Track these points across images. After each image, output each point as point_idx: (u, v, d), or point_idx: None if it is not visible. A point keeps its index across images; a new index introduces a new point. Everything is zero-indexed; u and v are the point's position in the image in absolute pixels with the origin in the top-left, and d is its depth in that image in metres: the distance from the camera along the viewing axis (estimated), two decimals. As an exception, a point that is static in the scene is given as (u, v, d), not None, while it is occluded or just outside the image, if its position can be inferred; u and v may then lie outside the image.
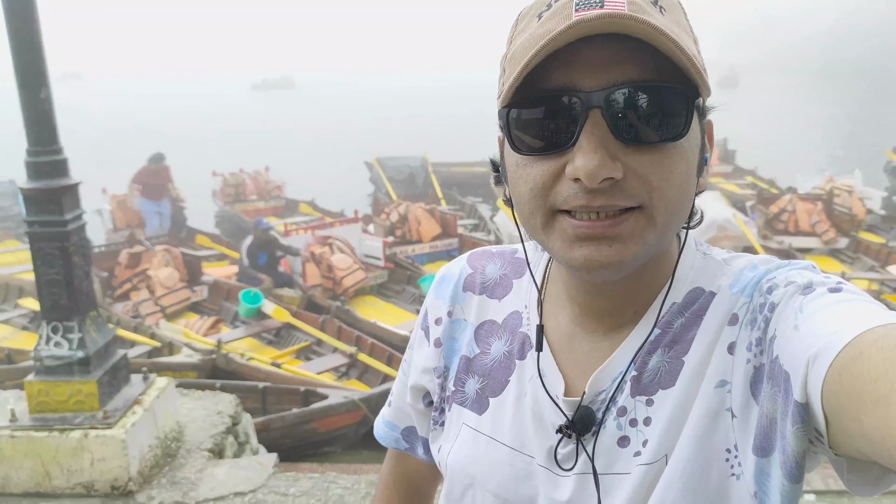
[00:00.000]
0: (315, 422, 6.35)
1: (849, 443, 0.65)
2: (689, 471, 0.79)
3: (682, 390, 0.82)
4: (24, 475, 3.90)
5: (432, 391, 1.04)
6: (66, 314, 3.87)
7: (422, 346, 1.06)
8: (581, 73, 0.74)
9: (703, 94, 0.77)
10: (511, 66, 0.77)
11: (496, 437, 0.94)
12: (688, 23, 0.80)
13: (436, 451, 1.04)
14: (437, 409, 1.04)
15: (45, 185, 3.73)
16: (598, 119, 0.73)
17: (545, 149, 0.76)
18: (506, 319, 0.99)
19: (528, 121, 0.77)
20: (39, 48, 3.66)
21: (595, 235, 0.75)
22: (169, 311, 9.71)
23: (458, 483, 0.97)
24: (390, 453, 1.20)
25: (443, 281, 1.07)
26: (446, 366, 1.02)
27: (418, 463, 1.15)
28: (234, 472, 4.28)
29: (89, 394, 3.90)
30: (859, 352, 0.63)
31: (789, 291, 0.76)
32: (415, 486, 1.20)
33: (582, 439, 0.86)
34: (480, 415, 0.96)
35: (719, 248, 0.92)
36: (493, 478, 0.93)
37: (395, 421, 1.14)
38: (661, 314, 0.85)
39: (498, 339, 0.98)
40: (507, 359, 0.96)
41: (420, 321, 1.08)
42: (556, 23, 0.72)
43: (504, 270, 1.03)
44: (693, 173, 0.79)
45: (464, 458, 0.96)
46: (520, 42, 0.77)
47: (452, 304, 1.04)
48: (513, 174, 0.81)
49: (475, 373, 0.99)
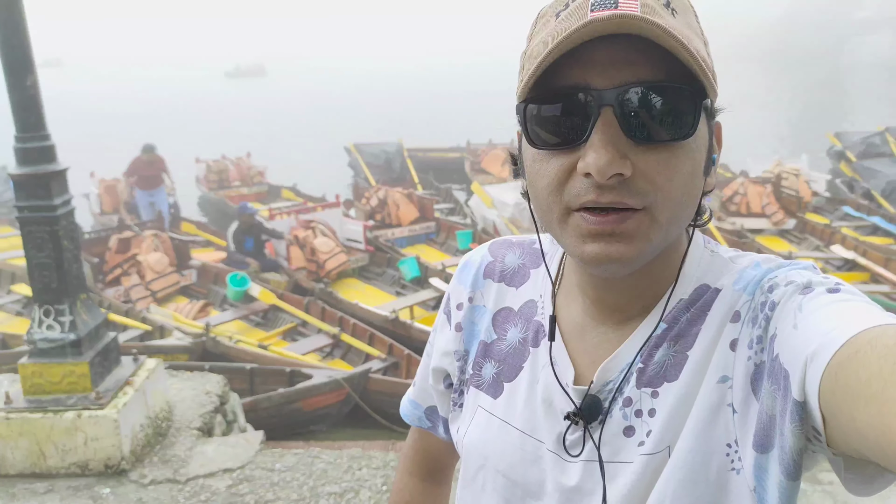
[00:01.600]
0: (300, 401, 6.38)
1: (845, 441, 0.65)
2: (691, 462, 0.80)
3: (685, 384, 0.82)
4: (19, 455, 3.91)
5: (452, 374, 1.06)
6: (57, 297, 3.86)
7: (444, 330, 1.07)
8: (594, 72, 0.75)
9: (711, 95, 0.77)
10: (529, 63, 0.78)
11: (509, 420, 0.95)
12: (699, 25, 0.81)
13: (454, 432, 1.05)
14: (456, 391, 1.05)
15: (34, 170, 3.72)
16: (609, 117, 0.74)
17: (559, 144, 0.77)
18: (522, 307, 1.00)
19: (543, 117, 0.78)
20: (25, 34, 3.61)
21: (605, 232, 0.76)
22: (159, 295, 9.67)
23: (472, 463, 0.99)
24: (413, 430, 1.22)
25: (465, 267, 1.08)
26: (466, 350, 1.04)
27: (439, 441, 1.17)
28: (222, 450, 4.30)
29: (81, 375, 3.89)
30: (855, 351, 0.63)
31: (789, 291, 0.77)
32: (434, 461, 1.23)
33: (589, 427, 0.87)
34: (495, 398, 0.98)
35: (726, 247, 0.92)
36: (504, 460, 0.94)
37: (418, 400, 1.16)
38: (666, 310, 0.86)
39: (514, 327, 0.99)
40: (522, 345, 0.97)
41: (443, 306, 1.09)
42: (571, 22, 0.73)
43: (522, 260, 1.04)
44: (699, 173, 0.80)
45: (477, 440, 0.98)
46: (538, 40, 0.78)
47: (473, 290, 1.05)
48: (530, 168, 0.82)
49: (492, 357, 1.00)
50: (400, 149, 19.05)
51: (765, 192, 12.99)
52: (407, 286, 10.08)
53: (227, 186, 16.43)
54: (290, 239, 10.60)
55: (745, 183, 13.31)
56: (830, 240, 11.49)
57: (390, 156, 18.76)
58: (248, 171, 16.93)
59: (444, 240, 12.34)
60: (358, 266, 10.78)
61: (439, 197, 15.25)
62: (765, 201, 12.84)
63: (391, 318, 8.29)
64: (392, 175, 17.91)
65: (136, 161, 13.54)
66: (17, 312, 9.63)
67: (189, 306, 9.07)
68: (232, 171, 16.81)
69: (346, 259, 10.42)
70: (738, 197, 13.04)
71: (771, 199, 12.91)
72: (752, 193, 12.99)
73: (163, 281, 9.81)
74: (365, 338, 7.98)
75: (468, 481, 0.99)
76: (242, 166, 16.98)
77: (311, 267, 10.30)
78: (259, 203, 15.09)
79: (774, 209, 12.75)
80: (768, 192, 13.01)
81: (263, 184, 16.85)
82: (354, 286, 10.34)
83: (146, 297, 9.51)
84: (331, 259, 10.23)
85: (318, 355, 8.02)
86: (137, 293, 9.53)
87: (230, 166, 16.89)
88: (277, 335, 8.51)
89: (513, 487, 0.93)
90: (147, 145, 13.58)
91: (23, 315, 9.46)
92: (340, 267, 10.28)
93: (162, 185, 13.63)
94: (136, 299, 9.42)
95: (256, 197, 16.11)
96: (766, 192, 13.02)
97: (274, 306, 9.02)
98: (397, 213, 12.54)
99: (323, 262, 10.20)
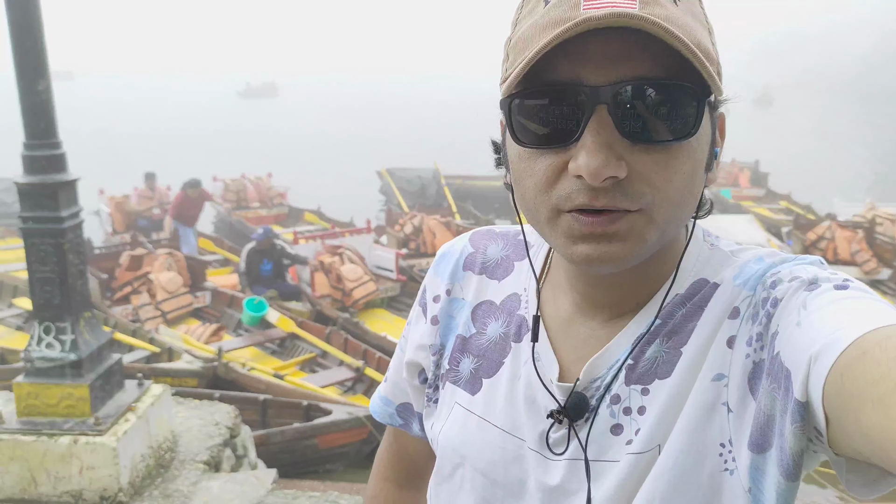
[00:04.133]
0: (317, 437, 6.23)
1: (848, 443, 0.65)
2: (682, 463, 0.80)
3: (677, 381, 0.82)
4: (9, 480, 3.80)
5: (427, 368, 1.05)
6: (59, 314, 3.79)
7: (419, 323, 1.07)
8: (588, 68, 0.73)
9: (716, 91, 0.75)
10: (515, 53, 0.77)
11: (488, 418, 0.94)
12: (702, 10, 0.79)
13: (429, 428, 1.04)
14: (430, 387, 1.05)
15: (41, 179, 3.67)
16: (603, 116, 0.72)
17: (548, 143, 0.76)
18: (504, 301, 1.00)
19: (531, 113, 0.76)
20: (40, 36, 3.60)
21: (596, 234, 0.75)
22: (170, 316, 9.60)
23: (448, 461, 0.98)
24: (388, 431, 1.22)
25: (443, 259, 1.08)
26: (442, 343, 1.03)
27: (415, 440, 1.15)
28: (229, 487, 4.15)
29: (80, 398, 3.81)
30: (862, 352, 0.63)
31: (793, 287, 0.76)
32: (412, 462, 1.20)
33: (574, 425, 0.87)
34: (473, 395, 0.97)
35: (728, 240, 0.92)
36: (482, 458, 0.93)
37: (390, 397, 1.15)
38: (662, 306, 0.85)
39: (495, 321, 0.99)
40: (503, 340, 0.97)
41: (419, 298, 1.09)
42: (563, 11, 0.72)
43: (506, 252, 1.04)
44: (700, 170, 0.79)
45: (455, 437, 0.97)
46: (525, 27, 0.76)
47: (451, 282, 1.05)
48: (515, 165, 0.81)
49: (470, 352, 1.00)
50: (436, 175, 19.07)
51: (856, 238, 12.56)
52: (440, 319, 9.89)
53: (246, 207, 16.43)
54: (314, 264, 10.49)
55: (833, 227, 12.87)
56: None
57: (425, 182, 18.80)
58: (267, 191, 16.98)
59: (484, 272, 12.16)
60: (388, 296, 10.66)
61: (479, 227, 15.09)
62: (855, 248, 12.41)
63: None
64: (426, 202, 17.91)
65: (182, 200, 12.93)
66: (18, 327, 9.65)
67: (201, 329, 8.95)
68: (251, 190, 16.85)
69: (375, 288, 10.33)
70: (824, 242, 12.61)
71: (863, 245, 12.48)
72: (840, 239, 12.55)
73: (174, 301, 9.77)
74: (391, 373, 7.78)
75: (444, 478, 0.99)
76: (262, 187, 17.03)
77: (337, 295, 10.19)
78: (280, 226, 15.04)
79: (867, 257, 12.32)
80: (860, 238, 12.58)
81: (284, 205, 16.88)
82: (383, 317, 10.23)
83: (156, 318, 9.46)
84: (358, 287, 10.12)
85: (338, 389, 7.84)
86: (146, 313, 9.48)
87: (249, 186, 16.93)
88: (295, 365, 8.34)
89: (492, 487, 0.93)
90: (191, 181, 13.05)
91: (23, 329, 9.48)
92: (368, 296, 10.19)
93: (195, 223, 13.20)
94: (145, 319, 9.35)
95: (276, 219, 16.12)
96: (858, 237, 12.59)
97: (293, 334, 8.86)
98: (433, 242, 12.49)
99: (350, 290, 10.09)
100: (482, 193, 19.08)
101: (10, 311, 10.05)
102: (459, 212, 16.85)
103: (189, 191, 12.81)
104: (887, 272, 12.21)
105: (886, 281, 12.15)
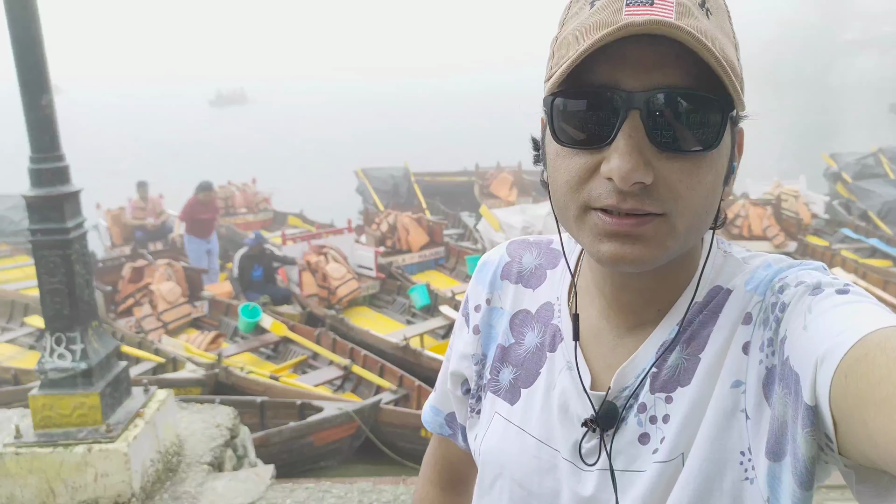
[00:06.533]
0: (311, 435, 6.29)
1: (856, 447, 0.63)
2: (705, 471, 0.78)
3: (698, 388, 0.80)
4: (28, 494, 3.78)
5: (470, 378, 1.03)
6: (69, 324, 3.76)
7: (462, 333, 1.05)
8: (625, 73, 0.73)
9: (738, 105, 0.75)
10: (561, 52, 0.77)
11: (525, 427, 0.93)
12: (731, 27, 0.79)
13: (472, 439, 1.03)
14: (473, 397, 1.03)
15: (47, 192, 3.64)
16: (636, 121, 0.72)
17: (584, 143, 0.76)
18: (539, 310, 0.98)
19: (570, 113, 0.76)
20: (41, 52, 3.57)
21: (621, 233, 0.75)
22: (171, 326, 9.56)
23: (488, 473, 0.96)
24: (434, 437, 1.19)
25: (483, 268, 1.06)
26: (484, 353, 1.01)
27: (458, 449, 1.13)
28: (232, 485, 4.22)
29: (92, 407, 3.77)
30: (864, 353, 0.62)
31: (799, 291, 0.75)
32: (455, 470, 1.18)
33: (605, 435, 0.85)
34: (512, 405, 0.95)
35: (739, 247, 0.91)
36: (520, 468, 0.92)
37: (439, 406, 1.13)
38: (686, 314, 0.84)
39: (531, 330, 0.97)
40: (540, 350, 0.95)
41: (462, 308, 1.07)
42: (607, 15, 0.72)
43: (539, 260, 1.02)
44: (720, 182, 0.78)
45: (494, 447, 0.95)
46: (571, 28, 0.76)
47: (491, 291, 1.03)
48: (552, 162, 0.80)
49: (509, 362, 0.98)
50: (406, 173, 18.95)
51: (766, 215, 12.85)
52: (417, 314, 9.99)
53: (234, 213, 16.26)
54: (302, 264, 10.50)
55: (747, 205, 13.11)
56: (831, 263, 11.33)
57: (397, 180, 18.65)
58: (253, 197, 16.76)
59: (454, 265, 12.27)
60: (369, 294, 10.69)
61: (448, 222, 15.15)
62: (766, 224, 12.69)
63: (402, 346, 8.21)
64: (399, 200, 17.83)
65: (192, 204, 11.66)
66: (30, 346, 9.43)
67: (200, 337, 8.98)
68: (238, 197, 16.61)
69: (358, 286, 10.34)
70: (739, 220, 12.84)
71: (772, 221, 12.78)
72: (753, 216, 12.82)
73: (174, 312, 9.69)
74: (376, 369, 7.88)
75: (485, 490, 0.97)
76: (248, 192, 16.79)
77: (323, 293, 10.21)
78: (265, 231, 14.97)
79: (776, 232, 12.61)
80: (769, 215, 12.88)
81: (269, 210, 16.71)
82: (365, 314, 10.26)
83: (158, 328, 9.41)
84: (342, 286, 10.16)
85: (329, 388, 7.92)
86: (149, 324, 9.43)
87: (236, 192, 16.68)
88: (289, 368, 8.41)
89: (528, 497, 0.91)
90: (203, 184, 11.84)
91: (36, 348, 9.26)
92: (352, 294, 10.21)
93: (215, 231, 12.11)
94: (148, 330, 9.32)
95: (262, 224, 15.94)
96: (767, 214, 12.89)
97: (285, 338, 8.91)
98: (407, 239, 12.46)
99: (335, 288, 10.13)
100: (449, 189, 19.10)
101: (22, 329, 9.85)
102: (429, 208, 16.82)
103: (200, 195, 11.61)
104: (793, 245, 12.42)
105: (793, 253, 12.25)
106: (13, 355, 9.13)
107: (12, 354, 9.17)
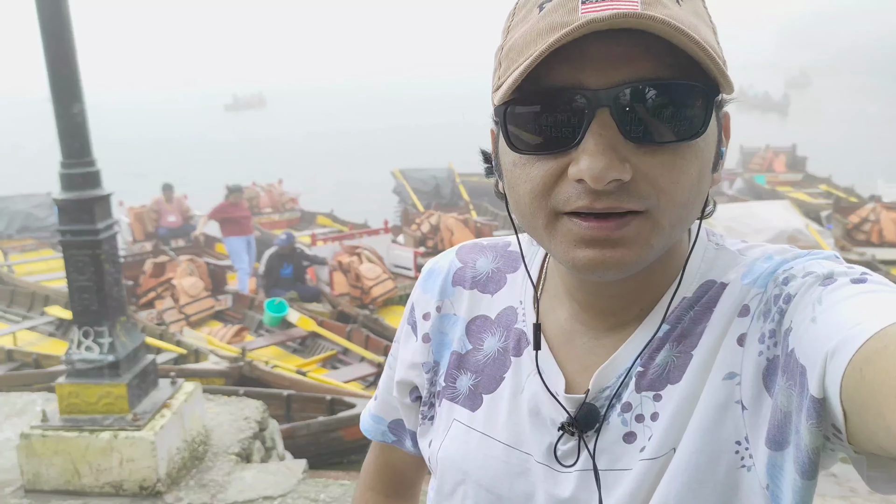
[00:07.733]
0: (342, 430, 6.15)
1: (871, 439, 0.61)
2: (696, 463, 0.76)
3: (689, 384, 0.78)
4: (53, 472, 3.86)
5: (420, 386, 0.99)
6: (97, 319, 3.86)
7: (409, 341, 1.01)
8: (588, 71, 0.68)
9: (725, 90, 0.70)
10: (509, 60, 0.72)
11: (490, 433, 0.89)
12: (706, 10, 0.74)
13: (425, 446, 0.99)
14: (425, 404, 0.99)
15: (78, 195, 3.76)
16: (606, 119, 0.68)
17: (546, 148, 0.71)
18: (499, 315, 0.94)
19: (528, 119, 0.71)
20: (74, 63, 3.68)
21: (599, 238, 0.70)
22: (193, 319, 9.62)
23: (448, 479, 0.93)
24: (375, 444, 1.16)
25: (430, 275, 1.02)
26: (436, 360, 0.98)
27: (405, 454, 1.10)
28: (262, 477, 4.15)
29: (119, 396, 3.85)
30: (884, 346, 0.59)
31: (807, 282, 0.72)
32: (400, 476, 1.16)
33: (584, 436, 0.82)
34: (473, 411, 0.92)
35: (734, 239, 0.87)
36: (486, 474, 0.89)
37: (381, 414, 1.10)
38: (669, 310, 0.81)
39: (491, 335, 0.94)
40: (502, 355, 0.92)
41: (406, 316, 1.03)
42: (560, 16, 0.67)
43: (496, 264, 0.98)
44: (707, 171, 0.74)
45: (455, 454, 0.92)
46: (519, 34, 0.71)
47: (441, 298, 0.99)
48: (509, 172, 0.76)
49: (467, 369, 0.94)
50: (451, 174, 18.92)
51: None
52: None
53: (259, 213, 16.34)
54: (333, 265, 10.44)
55: (878, 208, 12.30)
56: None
57: (440, 181, 18.64)
58: (279, 197, 16.90)
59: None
60: (406, 293, 10.54)
61: (498, 223, 14.84)
62: None
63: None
64: (441, 201, 17.77)
65: (224, 206, 11.79)
66: (50, 334, 9.75)
67: (223, 330, 8.96)
68: (263, 197, 16.78)
69: (394, 286, 10.29)
70: (868, 224, 12.05)
71: None
72: (885, 220, 11.98)
73: (196, 305, 9.78)
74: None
75: (445, 496, 0.94)
76: (274, 193, 16.95)
77: (355, 293, 10.17)
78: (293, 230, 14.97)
79: None
80: None
81: (296, 210, 16.78)
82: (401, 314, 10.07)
83: (179, 321, 9.47)
84: (377, 286, 10.10)
85: (360, 384, 7.79)
86: (170, 316, 9.51)
87: (261, 193, 16.86)
88: (316, 362, 8.30)
89: (497, 501, 0.88)
90: (233, 187, 11.96)
91: (55, 336, 9.59)
92: (387, 294, 10.15)
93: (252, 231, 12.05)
94: (170, 322, 9.36)
95: (289, 224, 16.05)
96: None
97: (313, 333, 8.82)
98: (451, 240, 12.36)
99: (368, 288, 10.07)
100: None
101: (43, 318, 10.12)
102: (476, 209, 16.65)
103: (231, 197, 11.73)
104: None
105: None
106: (34, 341, 9.42)
107: (33, 340, 9.46)
